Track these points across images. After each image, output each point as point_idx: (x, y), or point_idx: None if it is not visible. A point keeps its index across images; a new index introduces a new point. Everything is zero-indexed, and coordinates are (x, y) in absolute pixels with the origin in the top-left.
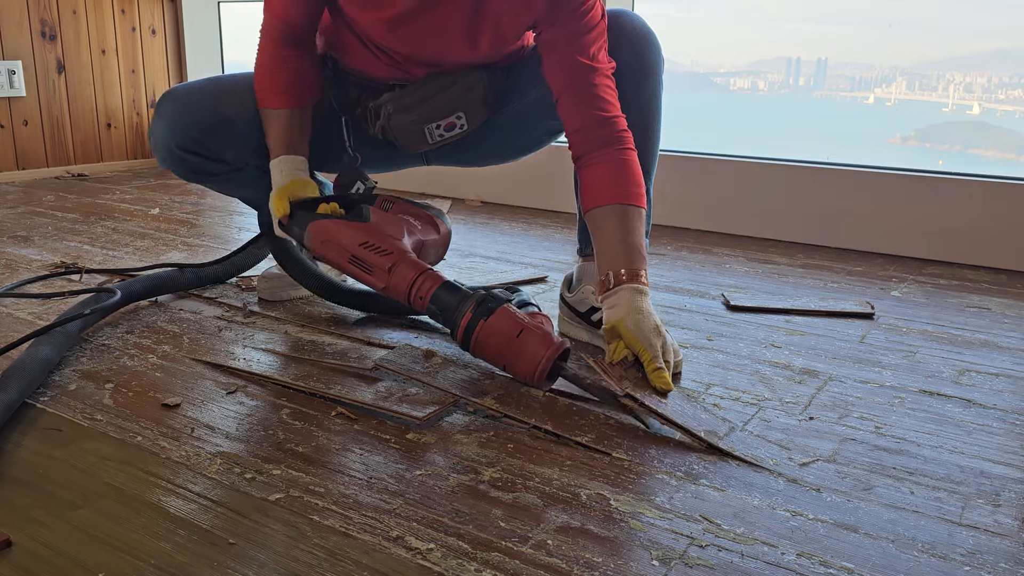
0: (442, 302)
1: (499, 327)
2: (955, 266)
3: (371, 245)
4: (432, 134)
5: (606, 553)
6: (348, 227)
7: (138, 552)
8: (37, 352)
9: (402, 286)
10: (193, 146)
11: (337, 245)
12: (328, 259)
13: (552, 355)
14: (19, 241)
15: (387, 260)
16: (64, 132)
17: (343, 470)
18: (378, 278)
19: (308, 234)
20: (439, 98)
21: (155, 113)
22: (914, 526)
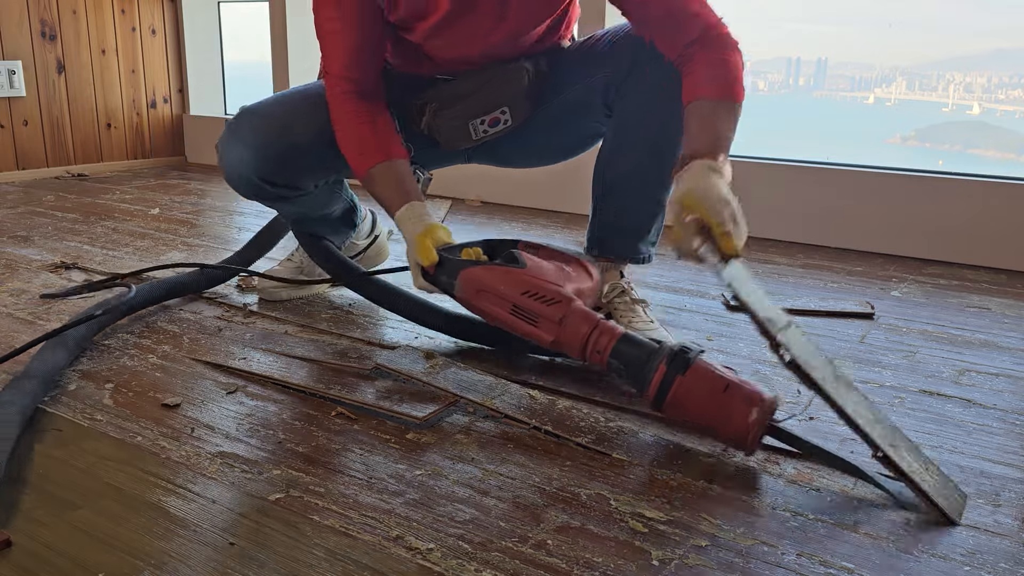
0: (627, 357)
1: (700, 383)
2: (955, 266)
3: (535, 294)
4: (476, 130)
5: (606, 553)
6: (507, 274)
7: (138, 552)
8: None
9: (575, 340)
10: (272, 177)
11: (495, 295)
12: (484, 310)
13: (765, 414)
14: (19, 241)
15: (556, 310)
16: (64, 132)
17: (343, 470)
18: (546, 331)
19: (460, 283)
20: (482, 92)
21: (230, 136)
22: (914, 526)
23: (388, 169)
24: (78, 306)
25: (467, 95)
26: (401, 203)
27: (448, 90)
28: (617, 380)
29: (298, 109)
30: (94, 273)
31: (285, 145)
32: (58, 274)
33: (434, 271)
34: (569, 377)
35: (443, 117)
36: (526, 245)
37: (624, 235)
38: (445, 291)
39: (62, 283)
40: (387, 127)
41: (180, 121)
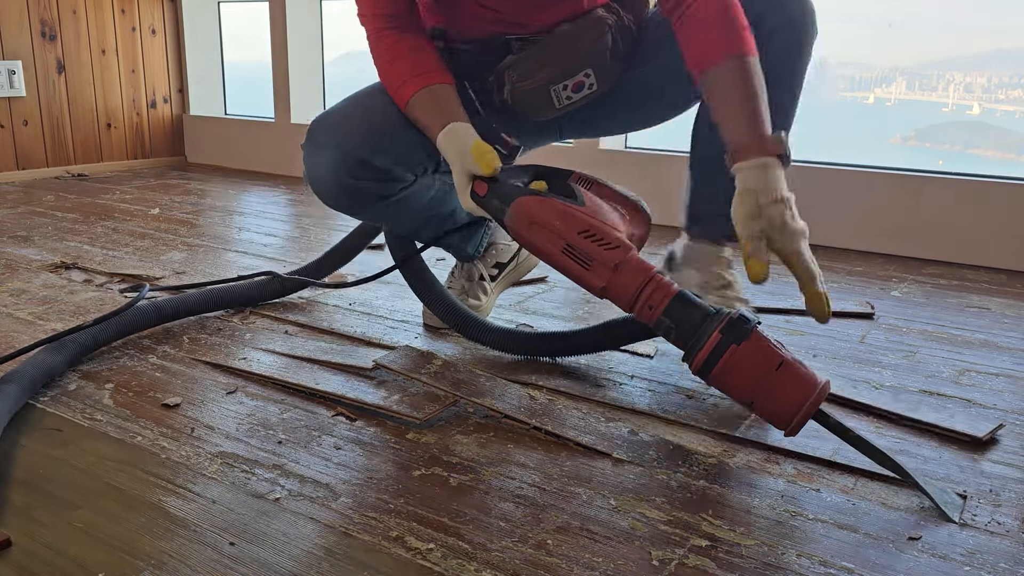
0: (680, 316)
1: (755, 356)
2: (955, 266)
3: (592, 235)
4: (559, 97)
5: (606, 553)
6: (565, 210)
7: (138, 552)
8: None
9: (628, 289)
10: (365, 170)
11: (549, 230)
12: (533, 244)
13: (817, 401)
14: (19, 241)
15: (612, 256)
16: (64, 132)
17: (343, 470)
18: (597, 275)
19: (512, 212)
20: (564, 54)
21: (308, 148)
22: (914, 526)
23: (427, 95)
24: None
25: (545, 62)
26: (443, 124)
27: (524, 57)
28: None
29: (372, 99)
30: (95, 273)
31: (368, 132)
32: (58, 274)
33: (485, 192)
34: (569, 377)
35: (522, 87)
36: (580, 177)
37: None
38: (494, 216)
39: (62, 283)
40: (426, 55)
41: (180, 121)
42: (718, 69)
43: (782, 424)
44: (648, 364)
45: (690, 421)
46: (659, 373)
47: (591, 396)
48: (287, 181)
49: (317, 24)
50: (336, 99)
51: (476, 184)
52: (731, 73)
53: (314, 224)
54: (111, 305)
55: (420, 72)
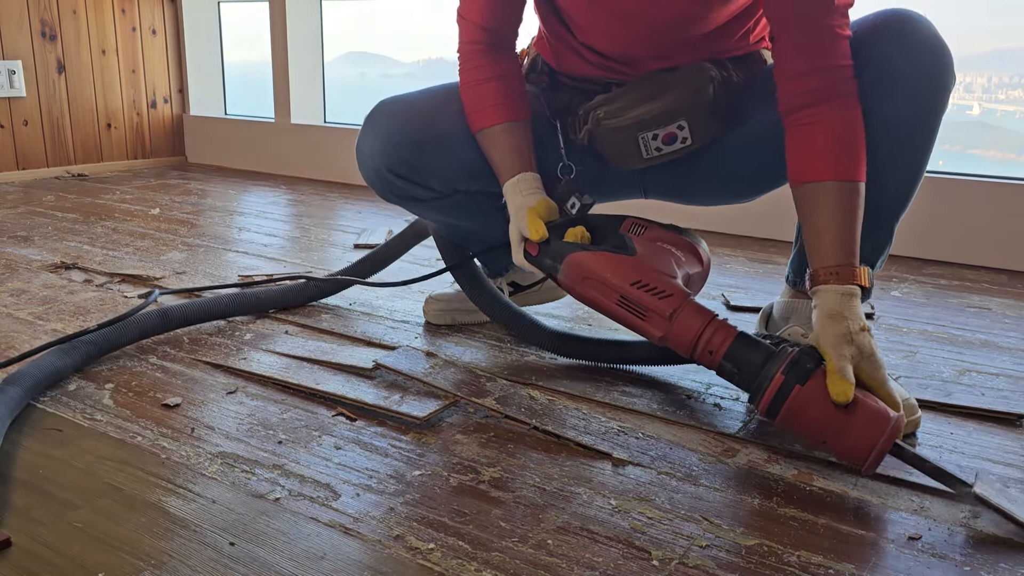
0: (741, 360)
1: (820, 395)
2: (955, 266)
3: (645, 285)
4: (648, 146)
5: (606, 553)
6: (616, 262)
7: (138, 552)
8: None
9: (686, 337)
10: (402, 168)
11: (602, 283)
12: (588, 299)
13: (891, 437)
14: (19, 241)
15: (667, 304)
16: (64, 132)
17: (343, 470)
18: (654, 325)
19: (564, 268)
20: (658, 99)
21: (364, 128)
22: (914, 526)
23: (506, 132)
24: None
25: (637, 103)
26: (514, 171)
27: (616, 98)
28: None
29: (444, 100)
30: (95, 273)
31: (422, 136)
32: (58, 274)
33: (537, 251)
34: (569, 377)
35: (608, 126)
36: (633, 222)
37: None
38: (548, 274)
39: (62, 283)
40: (514, 87)
41: (180, 121)
42: (824, 185)
43: (856, 462)
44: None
45: (690, 421)
46: (659, 373)
47: (591, 396)
48: (287, 181)
49: (317, 24)
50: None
51: (528, 244)
52: (836, 194)
53: (314, 224)
54: (111, 305)
55: (503, 102)
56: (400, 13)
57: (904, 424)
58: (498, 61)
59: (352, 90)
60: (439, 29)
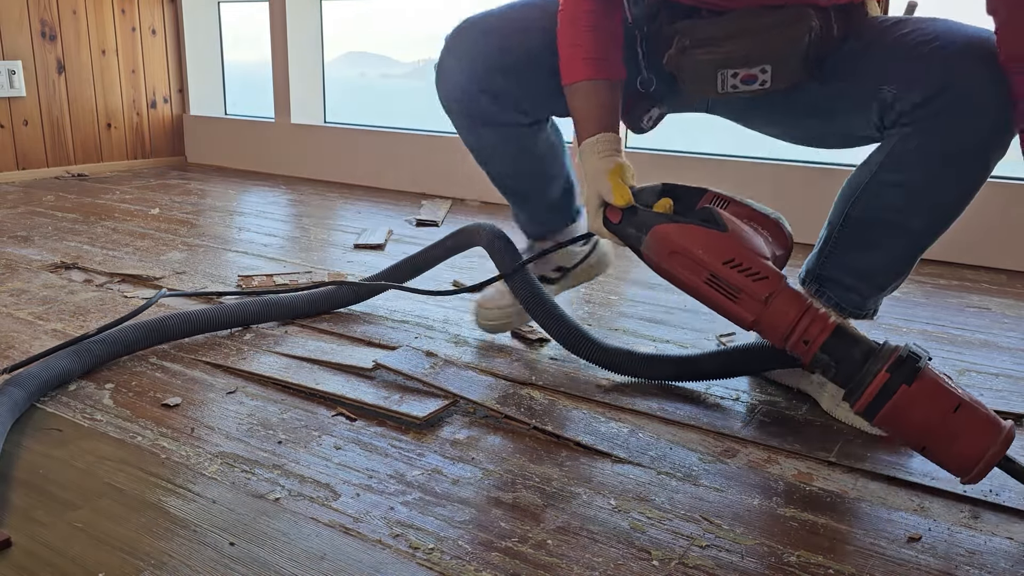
0: (840, 353)
1: (928, 397)
2: (955, 266)
3: (739, 264)
4: (725, 81)
5: (606, 553)
6: (708, 237)
7: (138, 552)
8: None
9: (781, 323)
10: (494, 86)
11: (691, 259)
12: (673, 275)
13: (1002, 448)
14: (19, 241)
15: (762, 287)
16: (64, 132)
17: (343, 470)
18: (747, 309)
19: (650, 241)
20: (747, 41)
21: (451, 45)
22: (914, 526)
23: (598, 88)
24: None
25: (726, 38)
26: (596, 128)
27: (706, 27)
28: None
29: (529, 14)
30: (95, 273)
31: (512, 48)
32: (58, 274)
33: (620, 219)
34: (569, 377)
35: (691, 57)
36: (715, 196)
37: (859, 284)
38: (629, 244)
39: (62, 283)
40: (615, 40)
41: (180, 121)
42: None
43: (960, 472)
44: None
45: (690, 421)
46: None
47: (591, 396)
48: (287, 181)
49: (317, 24)
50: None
51: (609, 210)
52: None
53: (314, 224)
54: (111, 305)
55: (600, 56)
56: (400, 13)
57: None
58: (603, 9)
59: (352, 90)
60: (439, 29)
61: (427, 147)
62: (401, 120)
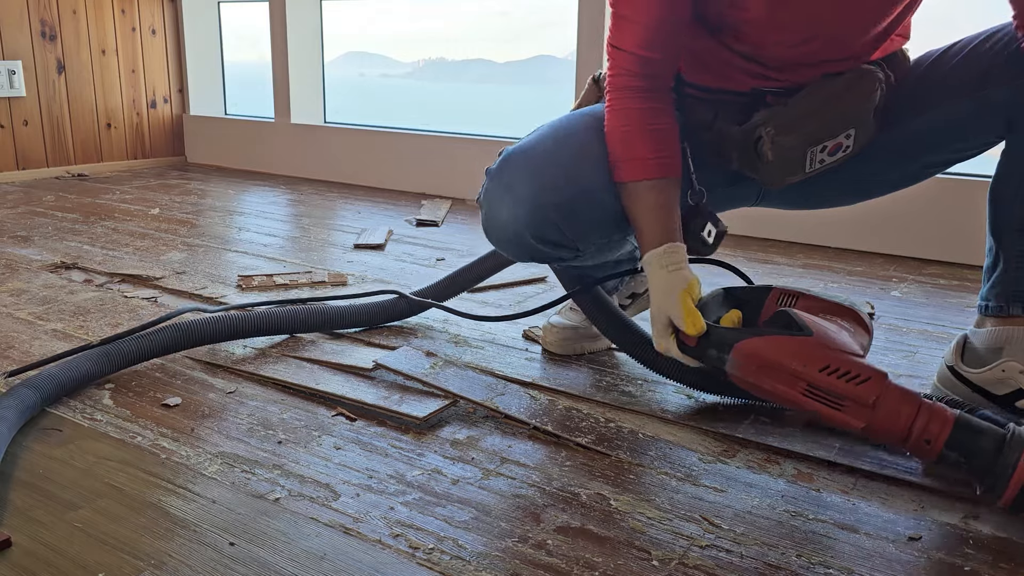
0: (969, 448)
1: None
2: (955, 266)
3: (836, 370)
4: (813, 160)
5: (606, 553)
6: (797, 346)
7: (138, 552)
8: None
9: (895, 426)
10: (552, 234)
11: (786, 372)
12: (766, 390)
13: None
14: (19, 241)
15: (867, 391)
16: (64, 132)
17: (343, 470)
18: (855, 416)
19: (735, 359)
20: (830, 111)
21: (496, 189)
22: (914, 526)
23: (656, 189)
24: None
25: (810, 115)
26: (662, 239)
27: (783, 111)
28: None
29: (578, 145)
30: (95, 273)
31: (570, 193)
32: (58, 274)
33: (696, 342)
34: (569, 377)
35: (781, 143)
36: (781, 293)
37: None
38: (711, 366)
39: (62, 283)
40: (669, 138)
41: (180, 121)
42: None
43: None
44: None
45: (690, 421)
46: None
47: (591, 396)
48: (287, 181)
49: (317, 24)
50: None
51: (682, 335)
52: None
53: (314, 224)
54: (111, 305)
55: (659, 156)
56: (400, 13)
57: None
58: (656, 107)
59: (352, 90)
60: (438, 29)
61: (427, 147)
62: (401, 120)
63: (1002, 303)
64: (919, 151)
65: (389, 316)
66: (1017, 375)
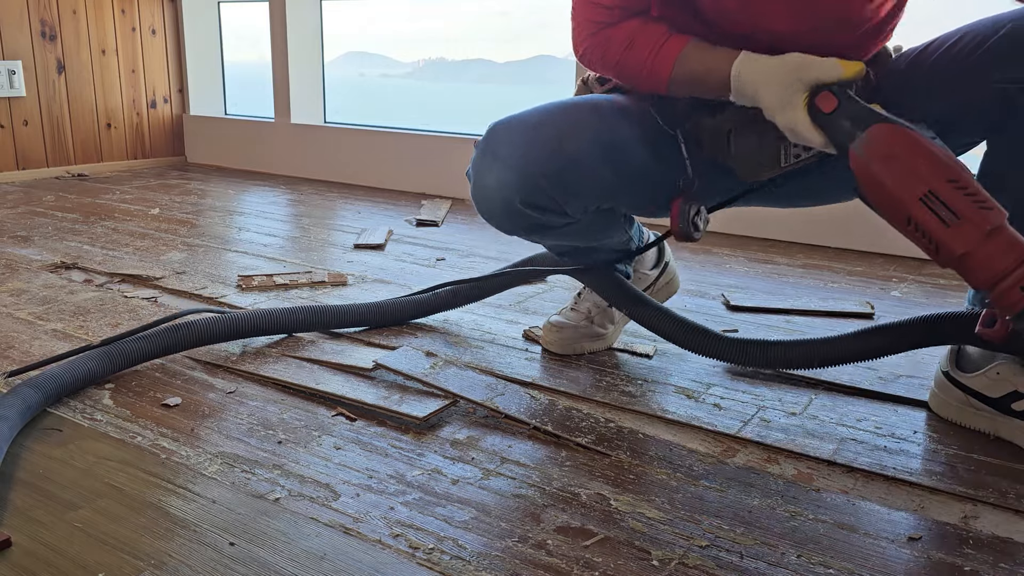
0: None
1: None
2: None
3: (965, 187)
4: (788, 154)
5: (606, 553)
6: (936, 150)
7: (138, 552)
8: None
9: (1001, 261)
10: (539, 199)
11: (911, 169)
12: (883, 184)
13: None
14: (19, 241)
15: (988, 218)
16: (64, 132)
17: (343, 470)
18: (962, 237)
19: (869, 137)
20: None
21: (484, 157)
22: (914, 526)
23: (695, 47)
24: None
25: None
26: (733, 55)
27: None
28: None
29: (568, 116)
30: (95, 273)
31: (557, 160)
32: (58, 274)
33: (834, 107)
34: (569, 377)
35: (749, 139)
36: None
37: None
38: (836, 140)
39: (62, 283)
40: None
41: (180, 121)
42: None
43: None
44: (648, 364)
45: (690, 421)
46: (659, 373)
47: (591, 396)
48: (287, 181)
49: (317, 24)
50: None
51: (822, 97)
52: None
53: (314, 224)
54: (111, 305)
55: (675, 31)
56: (400, 13)
57: None
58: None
59: (352, 90)
60: (438, 29)
61: (427, 147)
62: (401, 120)
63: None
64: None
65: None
66: (1012, 376)
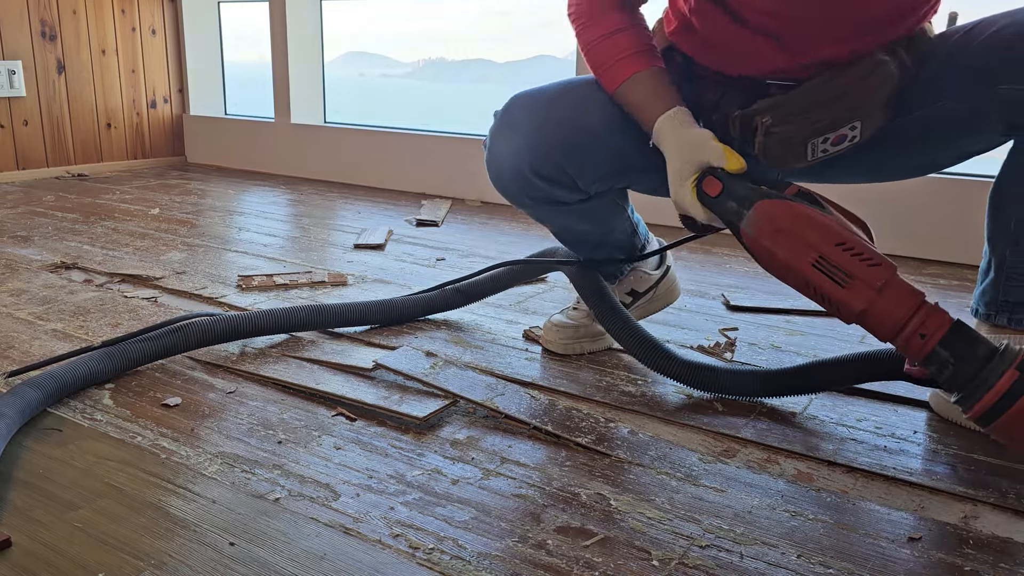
0: (960, 350)
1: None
2: (955, 266)
3: (851, 248)
4: (815, 150)
5: (606, 553)
6: (819, 218)
7: (138, 552)
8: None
9: (895, 314)
10: (550, 170)
11: (799, 239)
12: (775, 256)
13: None
14: (19, 241)
15: (876, 274)
16: (64, 132)
17: (343, 470)
18: (858, 296)
19: (754, 216)
20: (834, 105)
21: (501, 126)
22: (914, 526)
23: (651, 76)
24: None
25: (812, 107)
26: (666, 106)
27: (786, 100)
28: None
29: (588, 90)
30: (95, 273)
31: (573, 131)
32: (58, 274)
33: (719, 191)
34: (569, 377)
35: (780, 133)
36: (800, 188)
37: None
38: (725, 220)
39: (62, 283)
40: (648, 38)
41: (180, 121)
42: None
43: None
44: None
45: (690, 421)
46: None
47: (591, 396)
48: (287, 181)
49: (317, 24)
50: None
51: (708, 182)
52: None
53: (314, 224)
54: (111, 305)
55: (642, 51)
56: (400, 13)
57: None
58: (626, 15)
59: (352, 90)
60: (438, 29)
61: (427, 147)
62: (401, 120)
63: (991, 311)
64: (928, 143)
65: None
66: None
